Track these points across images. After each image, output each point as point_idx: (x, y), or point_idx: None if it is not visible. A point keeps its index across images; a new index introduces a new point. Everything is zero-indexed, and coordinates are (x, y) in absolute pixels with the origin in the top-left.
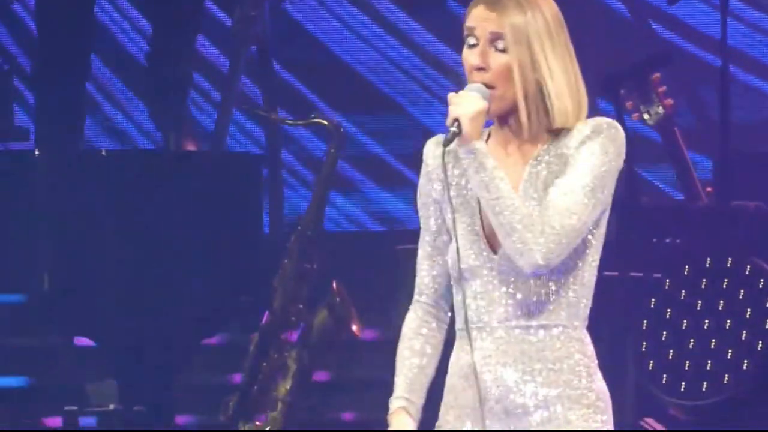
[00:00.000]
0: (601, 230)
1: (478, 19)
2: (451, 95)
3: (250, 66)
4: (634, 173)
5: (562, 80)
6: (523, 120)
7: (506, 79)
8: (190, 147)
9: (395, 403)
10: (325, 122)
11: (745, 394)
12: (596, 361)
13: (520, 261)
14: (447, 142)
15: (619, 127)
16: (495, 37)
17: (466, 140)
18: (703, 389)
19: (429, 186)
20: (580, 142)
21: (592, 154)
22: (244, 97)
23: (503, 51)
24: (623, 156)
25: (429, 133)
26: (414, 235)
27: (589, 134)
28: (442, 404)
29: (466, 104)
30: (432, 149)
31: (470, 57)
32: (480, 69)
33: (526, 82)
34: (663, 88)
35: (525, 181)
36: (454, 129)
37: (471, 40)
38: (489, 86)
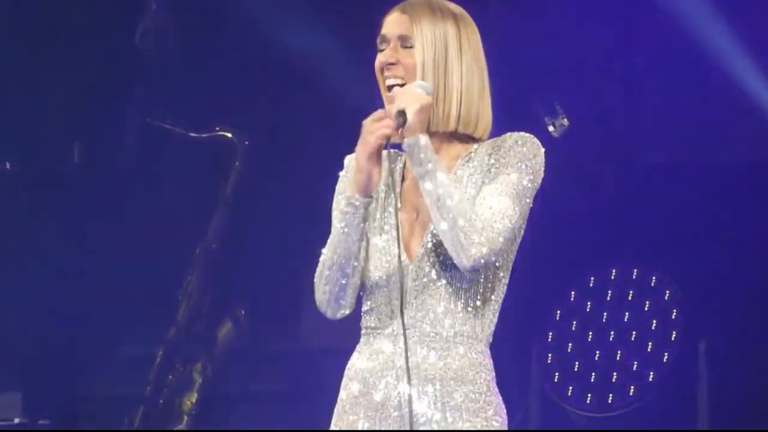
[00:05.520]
0: (514, 248)
1: (390, 24)
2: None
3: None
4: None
5: (468, 88)
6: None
7: (415, 76)
8: None
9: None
10: (229, 135)
11: (651, 405)
12: (495, 377)
13: (461, 255)
14: (397, 129)
15: (540, 145)
16: (404, 37)
17: (411, 132)
18: (609, 401)
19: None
20: (505, 151)
21: (520, 162)
22: (148, 109)
23: (411, 48)
24: (542, 174)
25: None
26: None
27: (512, 146)
28: (337, 408)
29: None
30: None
31: (381, 56)
32: (391, 65)
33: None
34: None
35: None
36: (400, 119)
37: (382, 45)
38: (402, 82)
